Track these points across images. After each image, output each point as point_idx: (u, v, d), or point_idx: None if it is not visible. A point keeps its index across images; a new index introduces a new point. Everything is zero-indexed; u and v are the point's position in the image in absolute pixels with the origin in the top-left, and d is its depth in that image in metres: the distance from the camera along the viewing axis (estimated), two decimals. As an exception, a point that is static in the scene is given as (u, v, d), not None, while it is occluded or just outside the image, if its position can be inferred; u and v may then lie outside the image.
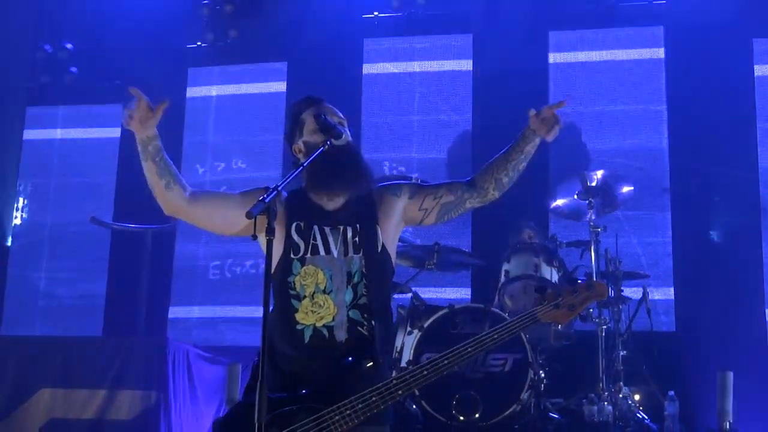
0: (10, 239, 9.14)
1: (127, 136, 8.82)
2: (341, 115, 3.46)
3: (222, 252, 8.59)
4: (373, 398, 3.07)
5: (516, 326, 3.25)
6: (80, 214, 8.75)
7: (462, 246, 7.52)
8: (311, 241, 3.28)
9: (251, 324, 7.96)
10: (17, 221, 9.19)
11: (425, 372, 3.13)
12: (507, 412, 5.42)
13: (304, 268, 3.26)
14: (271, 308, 3.34)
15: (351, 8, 8.81)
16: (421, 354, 5.53)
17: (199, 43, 9.10)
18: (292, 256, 3.26)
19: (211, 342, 8.01)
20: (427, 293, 6.96)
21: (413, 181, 6.07)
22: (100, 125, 9.19)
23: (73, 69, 9.20)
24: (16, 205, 9.16)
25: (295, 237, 3.28)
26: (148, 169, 3.36)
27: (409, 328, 5.86)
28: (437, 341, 5.51)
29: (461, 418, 5.42)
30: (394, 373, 3.40)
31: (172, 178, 3.35)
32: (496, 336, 3.22)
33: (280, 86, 8.88)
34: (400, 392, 3.11)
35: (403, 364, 5.64)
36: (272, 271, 3.26)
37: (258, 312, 3.11)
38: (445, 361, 3.16)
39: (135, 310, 7.95)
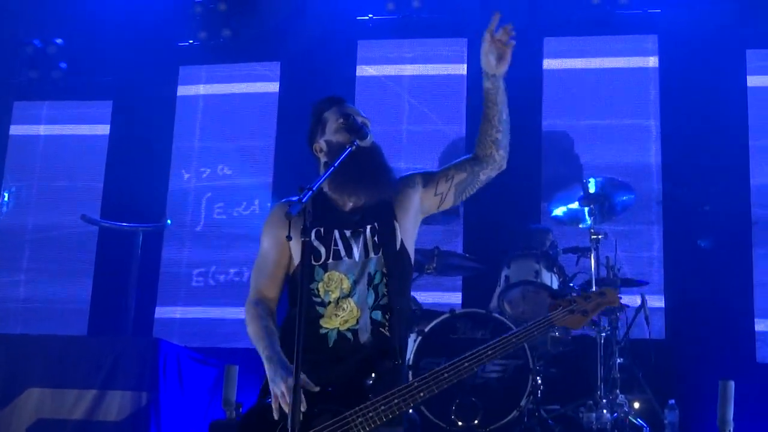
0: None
1: (116, 134, 8.86)
2: (365, 115, 3.42)
3: (206, 259, 8.53)
4: (396, 400, 3.05)
5: (535, 330, 3.28)
6: (66, 213, 8.65)
7: (454, 250, 7.50)
8: (332, 247, 3.26)
9: (243, 325, 7.87)
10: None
11: (446, 374, 3.12)
12: (506, 419, 5.42)
13: (327, 274, 3.25)
14: (287, 314, 3.31)
15: (345, 10, 8.76)
16: (420, 359, 5.50)
17: (191, 41, 9.00)
18: (313, 262, 3.23)
19: (199, 343, 7.92)
20: (420, 297, 6.92)
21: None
22: (88, 122, 9.07)
23: (63, 64, 9.06)
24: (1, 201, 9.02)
25: (316, 243, 3.25)
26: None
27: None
28: (437, 346, 5.50)
29: (460, 423, 5.42)
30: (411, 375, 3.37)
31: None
32: (514, 339, 3.24)
33: (273, 86, 8.82)
34: (421, 394, 3.09)
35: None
36: (291, 275, 3.31)
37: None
38: (466, 364, 3.15)
39: (121, 311, 7.84)
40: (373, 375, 3.11)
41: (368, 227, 3.28)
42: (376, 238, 3.27)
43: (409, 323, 3.44)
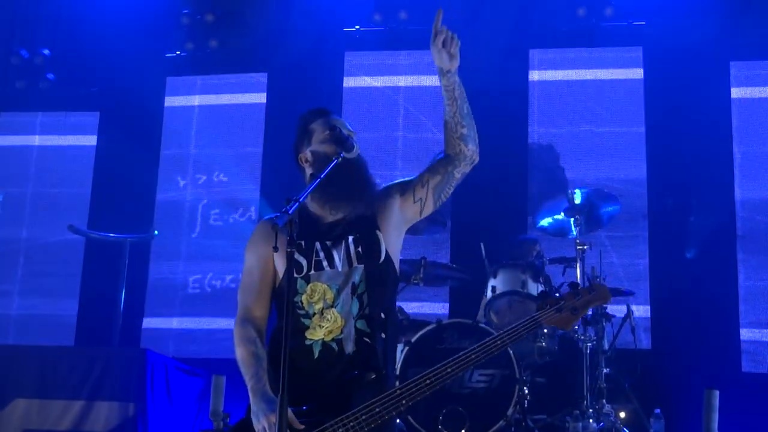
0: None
1: (103, 144, 8.85)
2: (350, 127, 3.44)
3: (202, 266, 8.52)
4: (377, 409, 3.04)
5: (521, 331, 3.23)
6: (54, 224, 8.62)
7: (440, 261, 7.53)
8: (314, 258, 3.25)
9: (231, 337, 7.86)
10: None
11: (428, 381, 3.10)
12: (493, 428, 5.42)
13: (310, 285, 3.24)
14: (275, 326, 3.31)
15: (333, 21, 8.79)
16: (407, 369, 5.51)
17: (178, 53, 9.02)
18: (295, 275, 3.22)
19: (187, 354, 7.91)
20: (407, 308, 6.93)
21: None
22: (75, 133, 9.06)
23: (50, 75, 9.05)
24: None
25: (297, 256, 3.21)
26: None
27: (394, 343, 5.83)
28: (424, 356, 5.50)
29: (447, 433, 5.41)
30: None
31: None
32: (499, 342, 3.20)
33: (260, 97, 8.84)
34: (404, 402, 3.07)
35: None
36: (277, 288, 3.30)
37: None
38: (449, 369, 3.13)
39: (109, 321, 7.82)
40: (355, 385, 3.11)
41: (350, 237, 3.28)
42: (359, 248, 3.27)
43: (396, 332, 3.42)
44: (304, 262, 3.24)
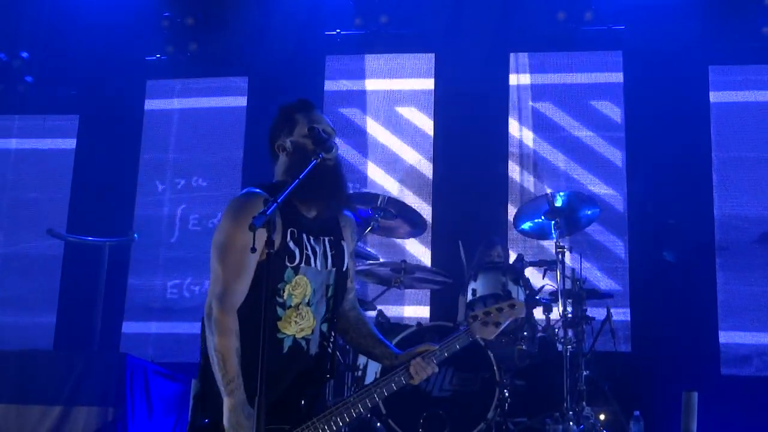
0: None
1: (82, 148, 8.78)
2: (332, 125, 3.43)
3: (181, 271, 8.48)
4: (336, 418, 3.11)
5: (456, 342, 3.41)
6: (32, 228, 8.57)
7: (421, 264, 7.54)
8: (305, 251, 3.21)
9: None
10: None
11: (379, 388, 3.23)
12: (474, 431, 5.40)
13: (297, 278, 3.18)
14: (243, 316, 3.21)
15: (313, 25, 8.78)
16: (387, 373, 5.48)
17: (158, 56, 8.97)
18: (287, 263, 3.16)
19: (167, 359, 7.86)
20: (388, 311, 6.92)
21: (380, 200, 6.09)
22: (54, 136, 9.00)
23: (29, 78, 8.98)
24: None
25: (291, 244, 3.18)
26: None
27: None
28: (404, 360, 5.46)
29: (428, 436, 5.40)
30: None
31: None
32: (438, 352, 3.36)
33: (241, 101, 8.81)
34: (360, 408, 3.17)
35: (368, 382, 5.59)
36: (256, 273, 3.15)
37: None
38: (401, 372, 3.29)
39: (88, 326, 7.76)
40: (315, 389, 3.14)
41: (326, 239, 3.29)
42: (333, 252, 3.29)
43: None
44: (296, 252, 3.19)
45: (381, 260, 6.67)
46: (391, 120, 8.58)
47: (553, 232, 6.24)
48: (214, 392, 3.01)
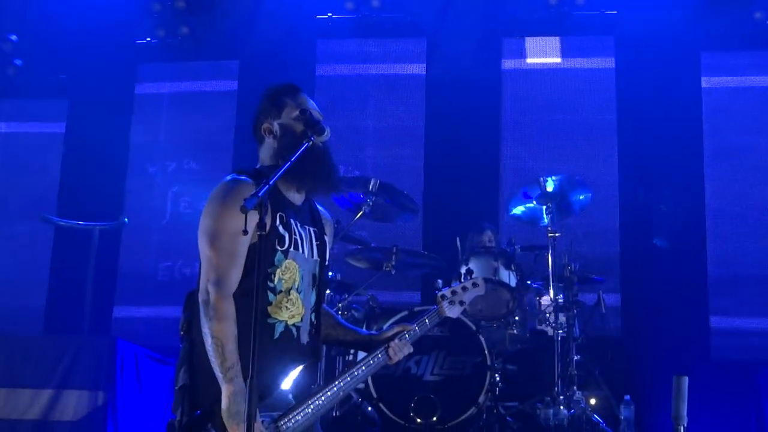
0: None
1: (72, 132, 8.74)
2: (320, 111, 3.40)
3: (172, 254, 8.45)
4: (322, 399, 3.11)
5: (427, 320, 3.46)
6: (22, 213, 8.53)
7: (413, 248, 7.52)
8: (293, 236, 3.16)
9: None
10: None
11: (356, 372, 3.22)
12: (465, 415, 5.44)
13: (287, 262, 3.12)
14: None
15: (304, 8, 8.74)
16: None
17: (148, 39, 8.92)
18: (277, 246, 3.10)
19: (158, 343, 7.84)
20: (379, 295, 6.92)
21: (372, 184, 6.08)
22: (43, 120, 8.95)
23: (18, 61, 8.92)
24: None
25: (281, 228, 3.12)
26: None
27: (365, 331, 5.82)
28: (396, 343, 5.46)
29: (419, 420, 5.43)
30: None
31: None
32: (412, 332, 3.38)
33: (232, 85, 8.78)
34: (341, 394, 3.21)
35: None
36: (247, 255, 3.08)
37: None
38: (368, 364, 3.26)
39: (78, 311, 7.74)
40: (301, 378, 3.10)
41: (312, 229, 3.27)
42: (319, 242, 3.27)
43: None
44: (286, 236, 3.13)
45: (372, 245, 6.67)
46: (382, 104, 8.55)
47: (544, 216, 6.24)
48: (207, 381, 2.96)
